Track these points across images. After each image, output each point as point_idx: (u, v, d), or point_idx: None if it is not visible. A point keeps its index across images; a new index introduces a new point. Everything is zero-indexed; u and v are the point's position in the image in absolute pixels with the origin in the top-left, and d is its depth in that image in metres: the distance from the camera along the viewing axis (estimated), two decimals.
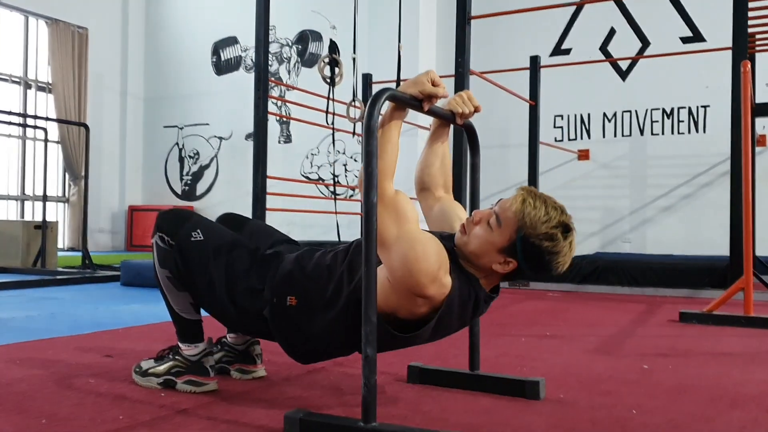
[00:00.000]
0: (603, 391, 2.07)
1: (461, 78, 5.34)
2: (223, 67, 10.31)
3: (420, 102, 1.73)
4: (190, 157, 10.64)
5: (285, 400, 1.91)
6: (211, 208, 10.30)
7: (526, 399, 1.96)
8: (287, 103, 9.10)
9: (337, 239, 5.99)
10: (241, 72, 10.21)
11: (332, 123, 6.03)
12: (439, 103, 1.84)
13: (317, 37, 9.57)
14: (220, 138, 10.37)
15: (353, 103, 6.55)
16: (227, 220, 2.22)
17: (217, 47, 10.34)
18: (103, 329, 3.12)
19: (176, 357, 2.00)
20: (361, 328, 1.53)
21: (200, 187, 10.59)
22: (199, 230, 1.95)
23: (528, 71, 6.82)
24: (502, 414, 1.80)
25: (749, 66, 3.46)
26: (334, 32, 5.97)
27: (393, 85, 6.86)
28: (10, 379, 2.11)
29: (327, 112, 5.97)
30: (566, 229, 1.65)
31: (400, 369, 2.29)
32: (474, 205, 2.10)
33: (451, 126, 2.00)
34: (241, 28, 10.13)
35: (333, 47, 5.97)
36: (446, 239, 1.76)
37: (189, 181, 10.66)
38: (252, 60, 9.96)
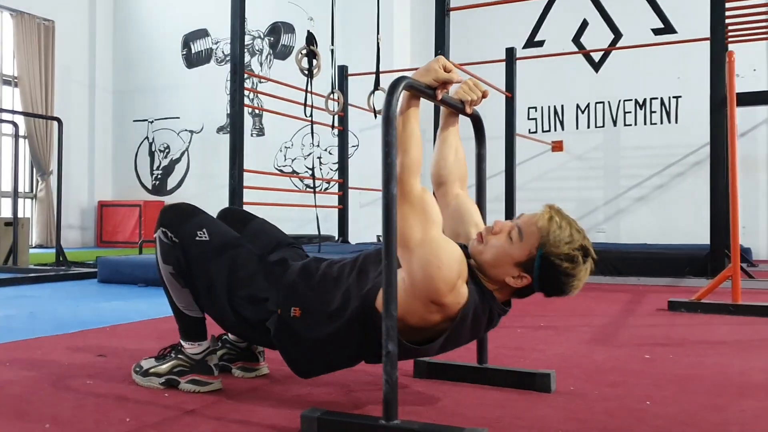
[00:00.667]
0: (610, 383, 2.06)
1: None
2: (193, 60, 10.16)
3: (434, 90, 1.69)
4: (160, 151, 10.48)
5: (292, 398, 1.86)
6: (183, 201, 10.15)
7: (537, 392, 1.94)
8: (259, 96, 8.99)
9: (316, 232, 5.95)
10: (212, 65, 10.07)
11: (310, 115, 5.97)
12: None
13: (290, 29, 9.48)
14: (191, 131, 10.23)
15: (332, 96, 6.50)
16: (229, 216, 2.15)
17: (188, 40, 10.19)
18: (89, 327, 3.04)
19: (179, 356, 1.94)
20: (382, 323, 1.49)
21: (171, 182, 10.44)
22: (205, 230, 1.88)
23: (504, 63, 6.82)
24: (515, 407, 1.78)
25: (734, 56, 3.49)
26: (311, 24, 5.88)
27: (370, 78, 6.84)
28: (2, 381, 2.03)
29: (305, 105, 5.90)
30: (586, 253, 1.65)
31: (405, 364, 2.26)
32: (481, 196, 2.07)
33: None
34: (211, 20, 9.99)
35: (310, 39, 5.90)
36: (462, 249, 1.73)
37: (159, 176, 10.50)
38: (223, 52, 9.84)
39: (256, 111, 9.39)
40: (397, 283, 1.56)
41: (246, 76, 6.37)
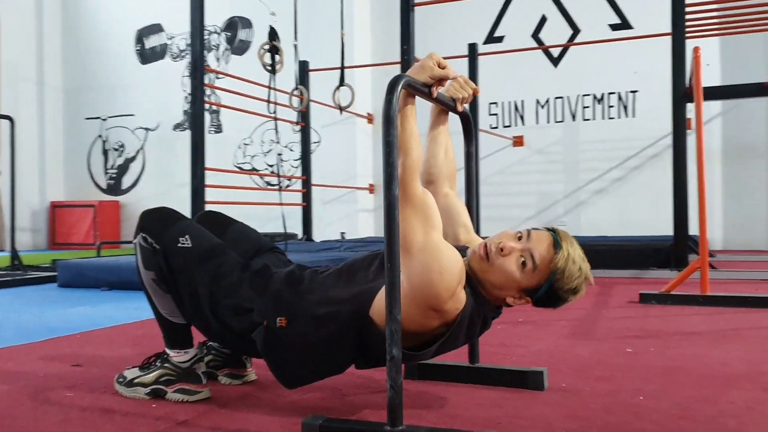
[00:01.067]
0: (599, 378, 2.08)
1: (407, 65, 5.30)
2: (147, 56, 9.94)
3: (429, 88, 1.66)
4: (114, 149, 10.23)
5: (286, 405, 1.82)
6: (139, 202, 9.94)
7: (530, 389, 1.94)
8: (216, 92, 8.84)
9: (280, 231, 5.88)
10: (167, 60, 9.86)
11: (274, 112, 5.89)
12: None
13: (247, 23, 9.34)
14: (147, 129, 10.01)
15: (295, 92, 6.44)
16: (208, 220, 2.08)
17: (141, 35, 9.96)
18: (57, 335, 2.93)
19: (165, 365, 1.88)
20: (375, 329, 1.47)
21: (126, 181, 10.21)
22: (187, 236, 1.82)
23: (466, 59, 6.83)
24: (513, 406, 1.77)
25: (700, 51, 3.55)
26: (273, 19, 5.78)
27: (331, 73, 6.77)
28: None
29: (269, 101, 5.82)
30: (587, 282, 1.67)
31: None
32: (471, 193, 2.06)
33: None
34: (165, 15, 9.79)
35: (273, 34, 5.82)
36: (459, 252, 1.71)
37: (114, 175, 10.26)
38: (179, 48, 9.66)
39: (214, 107, 9.24)
40: None
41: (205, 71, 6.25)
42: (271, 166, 9.23)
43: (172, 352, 1.88)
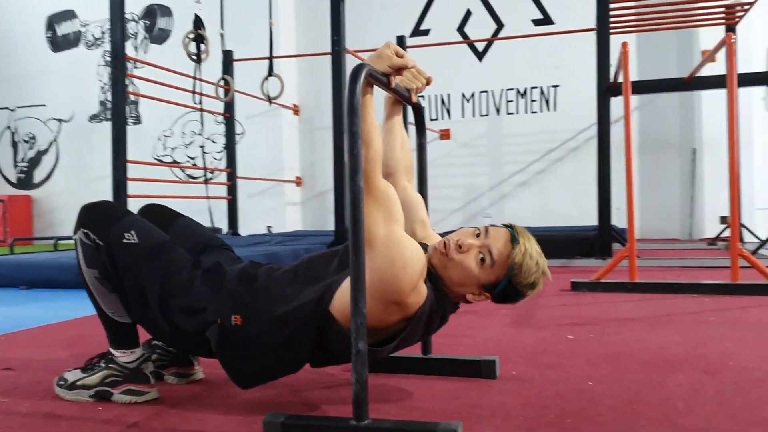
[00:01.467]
0: (548, 365, 2.11)
1: (338, 56, 5.27)
2: (60, 44, 9.52)
3: (388, 77, 1.64)
4: (25, 141, 9.77)
5: (239, 403, 1.77)
6: (52, 196, 9.54)
7: (483, 378, 1.96)
8: (134, 82, 8.55)
9: (209, 224, 5.74)
10: (81, 49, 9.48)
11: (199, 103, 5.74)
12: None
13: (166, 11, 9.07)
14: (60, 120, 9.60)
15: (220, 83, 6.30)
16: (151, 214, 1.99)
17: (52, 21, 9.53)
18: None
19: (110, 365, 1.79)
20: (336, 325, 1.46)
21: (38, 174, 9.77)
22: (133, 231, 1.74)
23: None
24: (470, 396, 1.78)
25: (629, 47, 3.66)
26: (198, 7, 5.64)
27: (255, 63, 6.65)
28: None
29: (194, 92, 5.67)
30: (544, 276, 1.69)
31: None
32: (422, 185, 2.05)
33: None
34: (78, 1, 9.37)
35: (198, 23, 5.67)
36: None
37: (25, 168, 9.80)
38: (93, 36, 9.29)
39: (132, 98, 8.93)
40: None
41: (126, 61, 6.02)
42: (192, 158, 9.01)
43: (118, 352, 1.80)
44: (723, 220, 7.26)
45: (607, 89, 5.07)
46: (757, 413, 1.59)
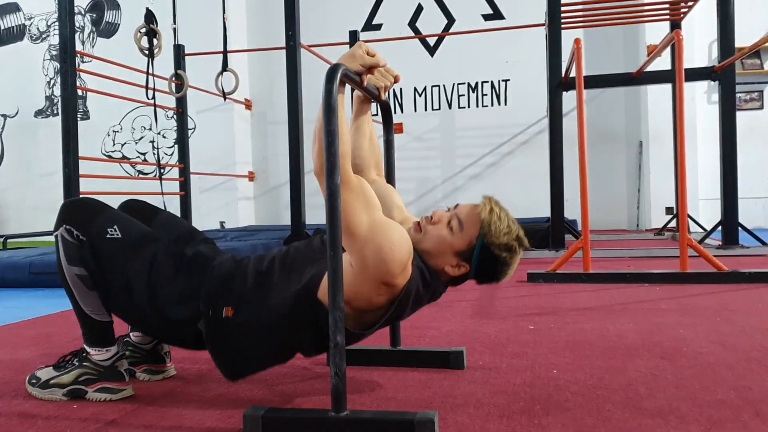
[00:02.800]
0: (513, 354, 2.18)
1: (292, 51, 5.25)
2: (3, 37, 9.25)
3: (360, 76, 1.68)
4: None
5: (215, 398, 1.79)
6: None
7: (452, 369, 2.01)
8: (82, 77, 8.37)
9: None
10: (25, 42, 9.22)
11: (153, 98, 5.66)
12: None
13: (114, 5, 8.89)
14: (5, 116, 9.33)
15: (173, 78, 6.21)
16: (132, 209, 1.99)
17: None
18: None
19: (84, 363, 1.79)
20: (325, 314, 1.47)
21: None
22: (116, 226, 1.74)
23: (347, 46, 6.85)
24: (442, 386, 1.83)
25: (581, 43, 3.76)
26: (150, 0, 5.56)
27: (210, 58, 6.55)
28: None
29: (147, 87, 5.58)
30: (521, 243, 1.72)
31: None
32: (390, 180, 2.09)
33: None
34: None
35: (150, 17, 5.58)
36: None
37: None
38: (38, 29, 9.05)
39: (80, 93, 8.73)
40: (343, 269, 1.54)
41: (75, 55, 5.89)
42: (143, 154, 8.87)
43: (93, 350, 1.79)
44: (669, 210, 7.50)
45: (559, 84, 5.19)
46: (713, 395, 1.68)
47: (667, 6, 5.72)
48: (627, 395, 1.70)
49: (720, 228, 5.29)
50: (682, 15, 5.90)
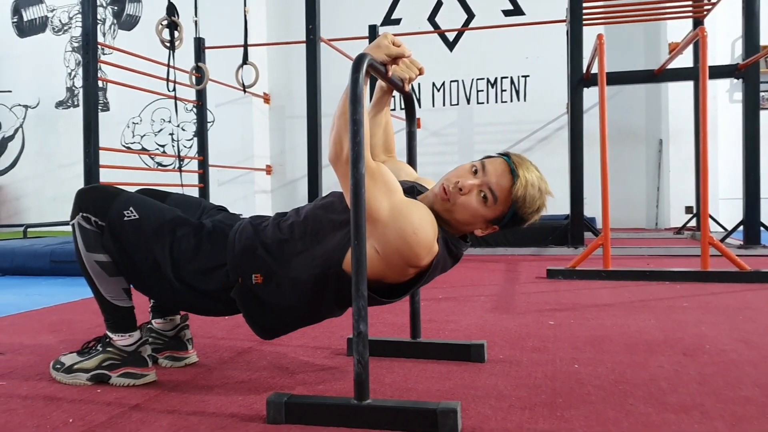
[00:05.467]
0: (533, 348, 2.18)
1: (312, 45, 5.26)
2: (26, 29, 9.32)
3: (385, 66, 1.68)
4: None
5: (237, 385, 1.80)
6: (17, 183, 9.37)
7: (472, 362, 2.01)
8: (102, 68, 8.43)
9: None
10: (47, 34, 9.29)
11: (173, 90, 5.69)
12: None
13: None
14: (26, 107, 9.41)
15: (194, 71, 6.24)
16: (144, 194, 2.00)
17: (18, 6, 9.33)
18: None
19: (108, 349, 1.80)
20: (353, 303, 1.48)
21: (3, 161, 9.58)
22: (131, 208, 1.76)
23: (366, 41, 6.85)
24: (462, 378, 1.83)
25: (604, 38, 3.74)
26: None
27: (230, 51, 6.58)
28: None
29: (167, 79, 5.61)
30: (546, 196, 1.71)
31: (339, 342, 2.27)
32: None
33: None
34: None
35: (171, 9, 5.60)
36: (415, 195, 1.76)
37: None
38: (60, 21, 9.12)
39: (101, 84, 8.79)
40: (369, 254, 1.56)
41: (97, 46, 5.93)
42: (162, 145, 8.92)
43: (116, 335, 1.81)
44: (688, 209, 7.44)
45: (580, 80, 5.16)
46: (737, 392, 1.66)
47: (690, 3, 5.66)
48: (649, 390, 1.69)
49: (741, 227, 5.23)
50: (705, 12, 5.84)
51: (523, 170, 1.66)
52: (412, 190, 1.81)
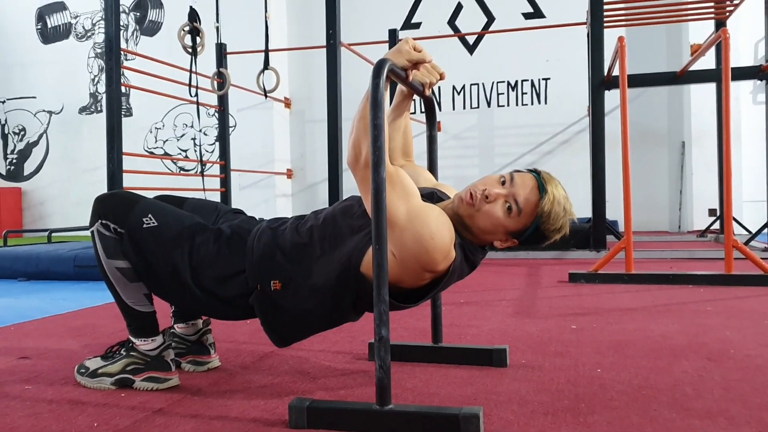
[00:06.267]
0: (556, 353, 2.16)
1: (333, 50, 5.28)
2: (50, 35, 9.46)
3: (405, 71, 1.68)
4: (14, 133, 9.71)
5: (259, 389, 1.81)
6: (42, 188, 9.49)
7: (494, 367, 2.00)
8: (125, 74, 8.52)
9: None
10: (71, 41, 9.41)
11: (196, 95, 5.73)
12: None
13: (157, 3, 9.03)
14: (50, 112, 9.54)
15: (215, 76, 6.29)
16: (162, 200, 2.02)
17: (43, 13, 9.46)
18: None
19: (131, 353, 1.82)
20: (366, 285, 1.49)
21: (28, 166, 9.71)
22: (150, 215, 1.77)
23: (386, 45, 6.87)
24: (484, 383, 1.83)
25: (625, 41, 3.71)
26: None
27: (252, 56, 6.62)
28: None
29: (190, 85, 5.66)
30: (569, 217, 1.72)
31: (360, 347, 2.27)
32: (433, 175, 2.09)
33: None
34: None
35: (193, 15, 5.65)
36: (434, 200, 1.76)
37: (14, 160, 9.74)
38: (84, 27, 9.24)
39: (123, 90, 8.89)
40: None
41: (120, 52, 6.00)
42: (184, 150, 8.99)
43: (138, 340, 1.82)
44: (712, 212, 7.36)
45: (601, 82, 5.12)
46: (763, 397, 1.64)
47: (712, 4, 5.61)
48: (674, 396, 1.68)
49: (766, 230, 5.17)
50: (727, 13, 5.78)
51: (551, 187, 1.68)
52: (432, 195, 1.81)
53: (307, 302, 1.69)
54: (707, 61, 6.16)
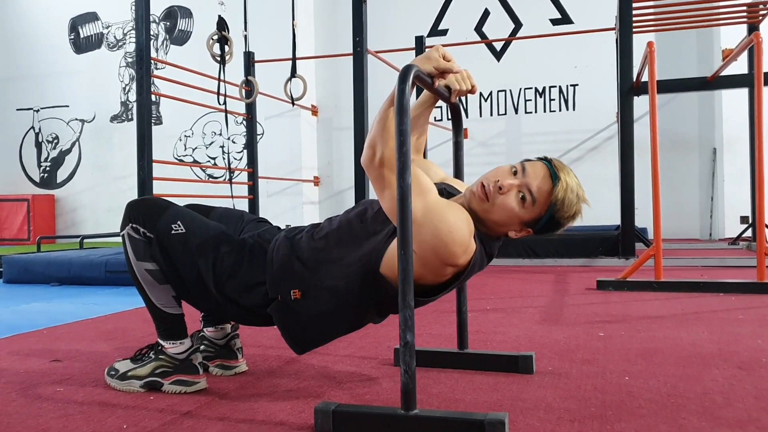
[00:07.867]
0: (583, 360, 2.15)
1: (359, 57, 5.31)
2: (82, 45, 9.63)
3: (432, 78, 1.69)
4: (48, 141, 9.89)
5: (286, 394, 1.82)
6: (74, 195, 9.65)
7: (521, 373, 1.99)
8: (155, 83, 8.64)
9: None
10: (103, 50, 9.58)
11: (224, 103, 5.79)
12: None
13: (187, 13, 9.15)
14: (82, 121, 9.71)
15: (244, 84, 6.35)
16: (190, 209, 2.05)
17: (76, 23, 9.64)
18: (20, 332, 2.83)
19: (160, 356, 1.85)
20: (387, 286, 1.51)
21: (61, 174, 9.88)
22: (179, 222, 1.80)
23: (413, 52, 6.88)
24: (510, 390, 1.82)
25: (654, 46, 3.68)
26: (222, 8, 5.71)
27: (276, 65, 6.69)
28: None
29: (219, 93, 5.72)
30: (583, 203, 1.71)
31: (386, 353, 2.27)
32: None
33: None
34: (101, 3, 9.51)
35: (222, 24, 5.72)
36: (444, 195, 1.76)
37: (48, 168, 9.91)
38: (115, 37, 9.39)
39: (154, 98, 9.02)
40: None
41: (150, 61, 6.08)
42: (213, 158, 9.09)
43: (167, 343, 1.85)
44: (744, 219, 7.24)
45: (630, 88, 5.08)
46: None
47: (744, 8, 5.54)
48: (703, 404, 1.65)
49: None
50: (760, 18, 5.70)
51: (563, 174, 1.67)
52: (442, 191, 1.81)
53: (328, 307, 1.70)
54: (739, 66, 6.07)
